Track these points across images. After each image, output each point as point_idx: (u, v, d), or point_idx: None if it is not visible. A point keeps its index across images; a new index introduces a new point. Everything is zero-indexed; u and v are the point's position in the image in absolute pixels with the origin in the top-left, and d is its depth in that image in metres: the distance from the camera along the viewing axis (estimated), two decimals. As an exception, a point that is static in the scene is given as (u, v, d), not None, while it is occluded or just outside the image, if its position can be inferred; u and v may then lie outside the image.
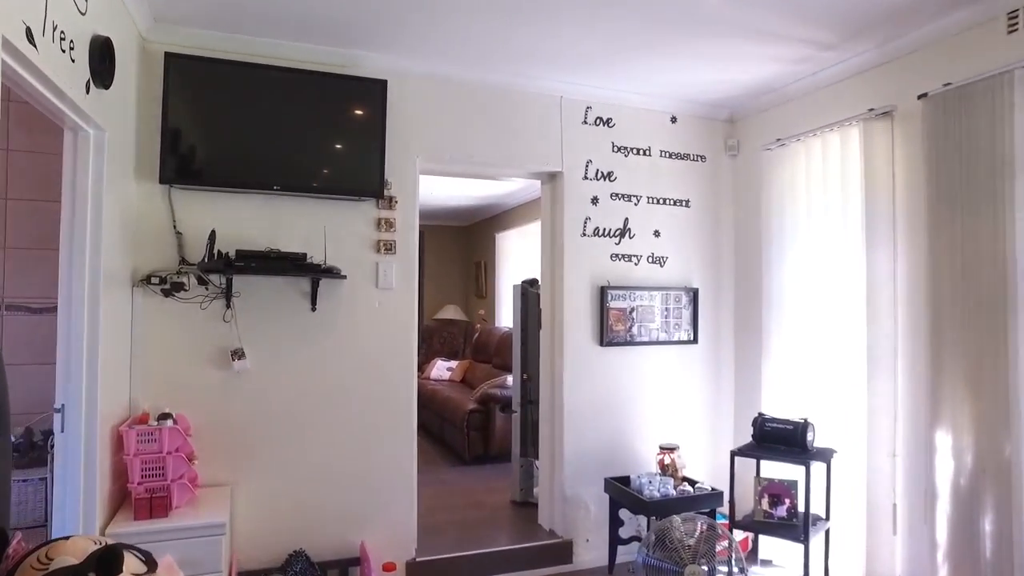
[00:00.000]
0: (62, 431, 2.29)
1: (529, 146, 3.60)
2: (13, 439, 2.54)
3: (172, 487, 2.55)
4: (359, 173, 3.17)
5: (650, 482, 3.33)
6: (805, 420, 3.14)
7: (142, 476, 2.53)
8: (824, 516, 3.15)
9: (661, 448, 3.53)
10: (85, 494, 2.31)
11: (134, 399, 2.80)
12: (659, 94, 3.79)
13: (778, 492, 3.16)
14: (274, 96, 3.00)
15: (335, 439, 3.15)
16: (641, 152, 3.85)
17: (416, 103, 3.35)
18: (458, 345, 8.64)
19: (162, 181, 2.83)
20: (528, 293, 4.42)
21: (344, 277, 3.11)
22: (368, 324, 3.22)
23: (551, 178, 3.77)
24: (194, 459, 2.79)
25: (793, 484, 3.12)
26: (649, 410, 3.80)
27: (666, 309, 3.88)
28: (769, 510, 3.17)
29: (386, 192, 3.24)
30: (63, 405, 2.29)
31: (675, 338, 3.89)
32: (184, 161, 2.86)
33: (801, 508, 3.03)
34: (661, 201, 3.89)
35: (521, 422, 4.42)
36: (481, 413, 5.53)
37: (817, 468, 3.06)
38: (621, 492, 3.37)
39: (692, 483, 3.42)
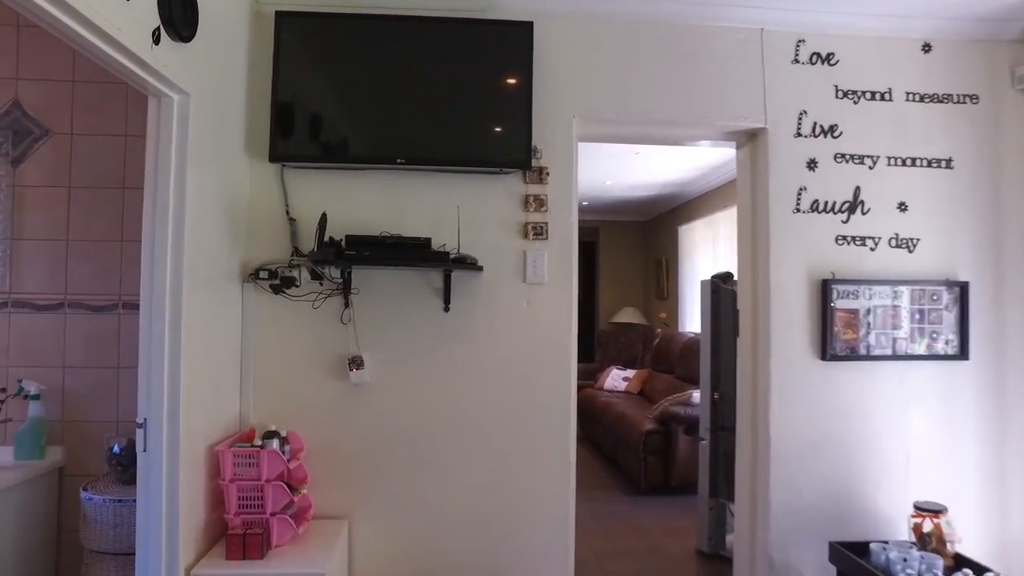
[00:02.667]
0: (144, 450, 1.94)
1: (719, 97, 2.74)
2: (116, 450, 2.28)
3: (271, 522, 2.12)
4: (500, 140, 2.56)
5: (904, 559, 2.30)
6: None
7: (239, 507, 2.12)
8: None
9: (918, 509, 2.47)
10: (168, 525, 1.94)
11: (244, 413, 2.44)
12: (902, 13, 2.72)
13: None
14: (397, 52, 2.50)
15: (471, 468, 2.56)
16: (878, 96, 2.80)
17: (570, 50, 2.66)
18: (637, 352, 7.81)
19: (272, 159, 2.44)
20: (721, 291, 3.52)
21: (481, 269, 2.51)
22: (513, 327, 2.59)
23: (750, 138, 2.87)
24: (306, 485, 2.36)
25: None
26: (894, 451, 2.73)
27: (918, 311, 2.78)
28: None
29: (535, 162, 2.59)
30: (145, 420, 1.93)
31: (932, 351, 2.77)
32: (297, 136, 2.45)
33: None
34: (908, 161, 2.80)
35: (711, 452, 3.53)
36: (661, 435, 4.68)
37: None
38: (858, 569, 2.38)
39: (973, 566, 2.33)
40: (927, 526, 2.42)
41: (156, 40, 1.78)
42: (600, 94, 2.68)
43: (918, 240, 2.79)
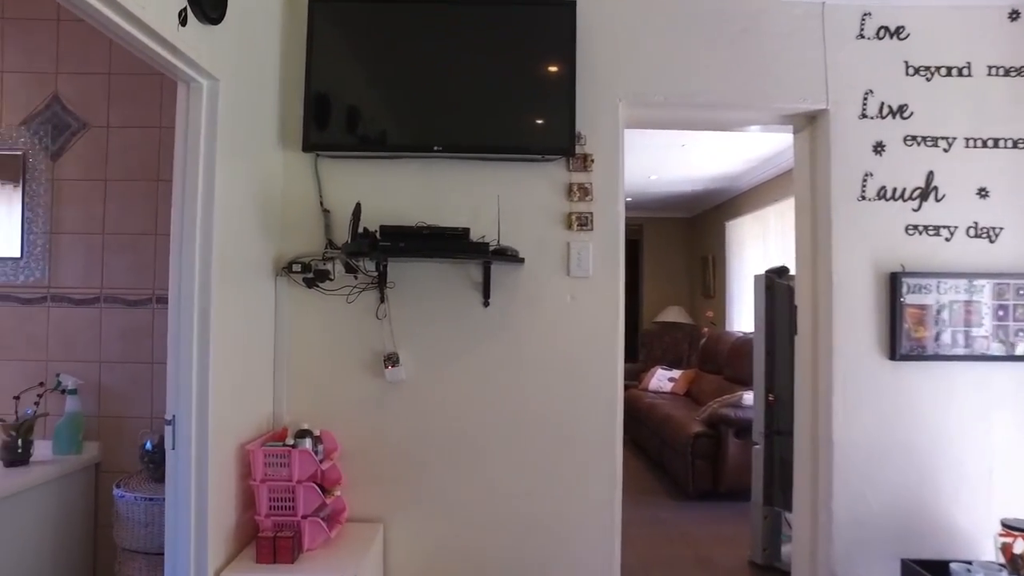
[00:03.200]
0: (173, 447, 1.87)
1: (776, 78, 2.55)
2: (148, 446, 2.24)
3: (303, 525, 2.03)
4: (542, 126, 2.43)
5: (989, 581, 2.09)
6: None
7: (270, 508, 2.04)
8: None
9: (1007, 528, 2.24)
10: (196, 525, 1.87)
11: (277, 411, 2.37)
12: (986, -20, 2.50)
13: None
14: (434, 37, 2.40)
15: (512, 471, 2.43)
16: (955, 71, 2.56)
17: (615, 30, 2.51)
18: (682, 352, 7.58)
19: (305, 148, 2.36)
20: (776, 286, 3.32)
21: (522, 260, 2.38)
22: (556, 323, 2.46)
23: (809, 122, 2.67)
24: (339, 486, 2.27)
25: None
26: (973, 462, 2.49)
27: (1000, 307, 2.54)
28: None
29: (579, 149, 2.45)
30: (174, 416, 1.87)
31: (1018, 352, 2.53)
32: (331, 124, 2.37)
33: None
34: (990, 143, 2.56)
35: (765, 457, 3.33)
36: (710, 438, 4.47)
37: None
38: (935, 589, 2.17)
39: (1069, 590, 2.09)
40: (1019, 547, 2.19)
41: (183, 21, 1.71)
42: (647, 76, 2.53)
43: (1001, 229, 2.55)
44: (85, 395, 2.44)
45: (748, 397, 4.31)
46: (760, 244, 6.11)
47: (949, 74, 2.56)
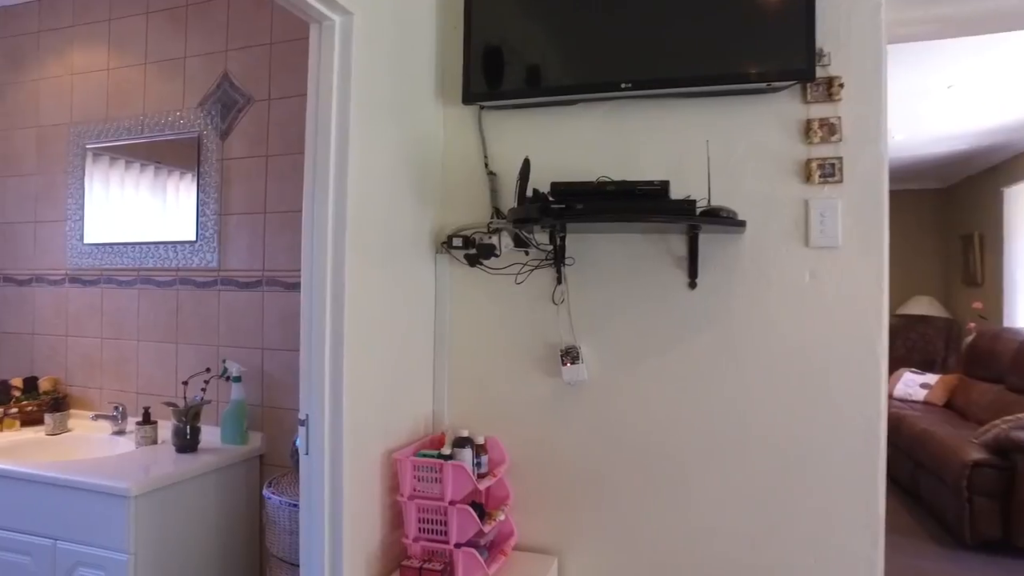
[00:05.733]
0: (307, 452, 1.58)
1: None
2: (298, 443, 2.00)
3: (456, 556, 1.64)
4: (765, 42, 1.78)
5: None
6: None
7: (419, 530, 1.68)
8: None
9: None
10: (331, 544, 1.57)
11: (437, 412, 2.02)
12: None
13: None
14: (620, -59, 1.86)
15: (726, 502, 1.83)
16: None
17: None
18: (935, 352, 6.19)
19: (466, 100, 1.97)
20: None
21: (742, 224, 1.76)
22: (789, 312, 1.81)
23: None
24: (505, 506, 1.86)
25: None
26: None
27: None
28: None
29: (820, 71, 1.77)
30: (307, 416, 1.58)
31: None
32: (497, 68, 1.95)
33: None
34: None
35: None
36: (996, 469, 3.37)
37: None
38: None
39: None
40: None
41: (302, -69, 1.39)
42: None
43: None
44: (248, 383, 2.31)
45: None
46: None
47: None
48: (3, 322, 2.84)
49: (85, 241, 2.64)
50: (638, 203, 1.65)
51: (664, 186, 1.66)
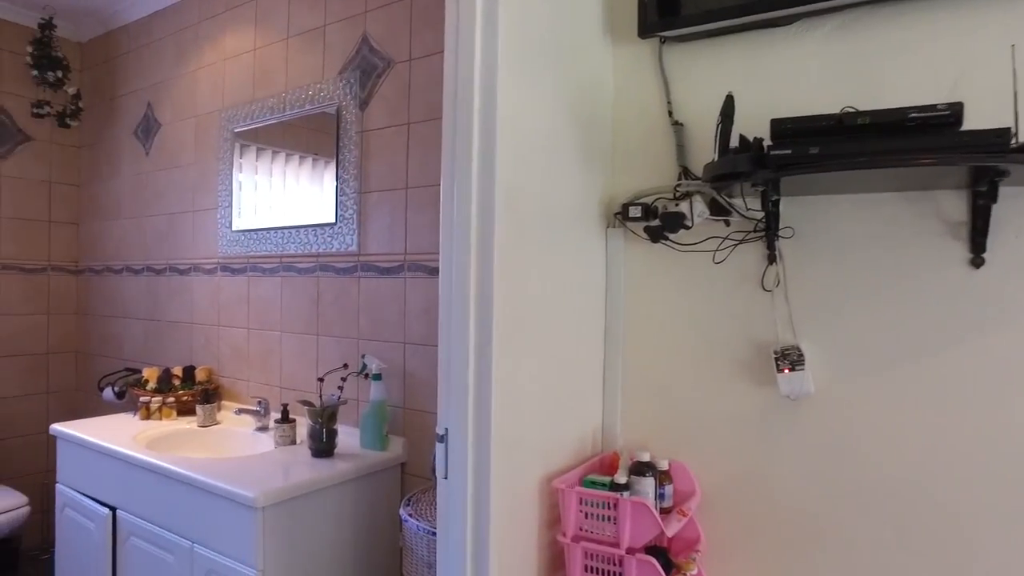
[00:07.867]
0: (445, 476, 1.24)
1: None
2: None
3: (637, 625, 1.23)
4: None
5: None
6: None
7: (587, 583, 1.29)
8: None
9: None
10: (474, 592, 1.22)
11: (608, 426, 1.61)
12: None
13: None
14: None
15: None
16: None
17: None
18: None
19: (643, 33, 1.54)
20: None
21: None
22: None
23: None
24: (697, 553, 1.41)
25: None
26: None
27: None
28: None
29: None
30: (446, 431, 1.24)
31: None
32: (682, -15, 1.50)
33: None
34: None
35: None
36: None
37: None
38: None
39: None
40: None
41: None
42: None
43: None
44: (388, 381, 2.05)
45: None
46: None
47: None
48: (169, 311, 2.86)
49: (233, 228, 2.55)
50: (915, 139, 1.11)
51: (955, 111, 1.11)
